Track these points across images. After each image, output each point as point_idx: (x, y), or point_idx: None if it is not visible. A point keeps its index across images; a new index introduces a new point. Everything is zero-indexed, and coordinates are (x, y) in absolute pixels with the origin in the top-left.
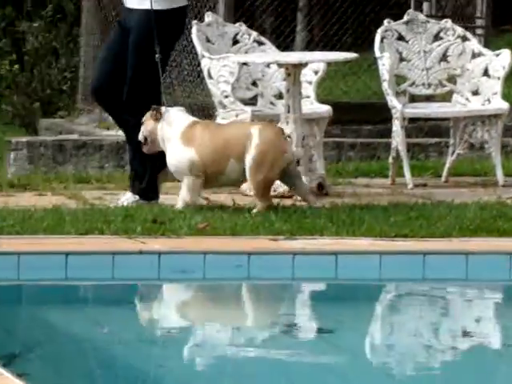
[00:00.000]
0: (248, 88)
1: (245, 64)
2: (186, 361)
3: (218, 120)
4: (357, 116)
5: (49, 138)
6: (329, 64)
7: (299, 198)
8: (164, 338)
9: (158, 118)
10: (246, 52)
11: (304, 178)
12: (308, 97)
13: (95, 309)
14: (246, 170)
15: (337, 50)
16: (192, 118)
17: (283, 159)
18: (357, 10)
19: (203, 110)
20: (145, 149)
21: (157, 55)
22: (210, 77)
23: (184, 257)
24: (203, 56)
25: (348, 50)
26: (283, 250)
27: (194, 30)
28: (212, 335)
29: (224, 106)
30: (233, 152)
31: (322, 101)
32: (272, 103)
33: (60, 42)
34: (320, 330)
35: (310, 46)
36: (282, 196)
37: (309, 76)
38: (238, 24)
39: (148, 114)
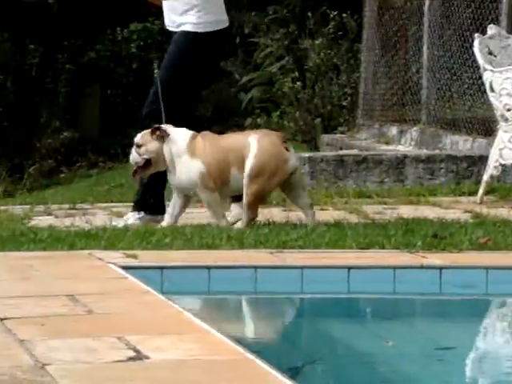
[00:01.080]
0: None
1: None
2: (469, 378)
3: (500, 134)
4: None
5: (330, 154)
6: None
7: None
8: (445, 354)
9: (163, 137)
10: None
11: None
12: None
13: (376, 323)
14: (244, 178)
15: None
16: (191, 131)
17: (284, 169)
18: None
19: (483, 124)
20: (143, 172)
21: (155, 70)
22: (492, 90)
23: (466, 272)
24: (485, 69)
25: None
26: None
27: (475, 43)
28: (494, 351)
29: (506, 120)
30: (232, 160)
31: None
32: None
33: (341, 59)
34: None
35: None
36: None
37: None
38: None
39: (145, 136)
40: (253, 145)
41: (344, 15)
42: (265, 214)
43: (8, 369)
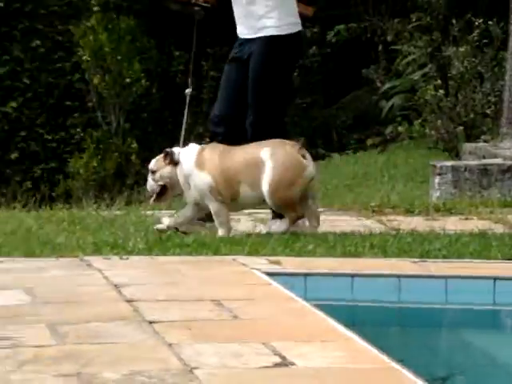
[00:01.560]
0: None
1: None
2: None
3: None
4: None
5: (473, 163)
6: None
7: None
8: None
9: (175, 161)
10: None
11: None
12: None
13: None
14: (264, 194)
15: None
16: (197, 145)
17: (303, 177)
18: None
19: None
20: (161, 199)
21: (187, 90)
22: None
23: None
24: None
25: None
26: None
27: None
28: None
29: None
30: (244, 178)
31: None
32: None
33: (485, 67)
34: None
35: None
36: None
37: None
38: None
39: (158, 162)
40: (266, 161)
41: (490, 23)
42: (408, 222)
43: (157, 372)
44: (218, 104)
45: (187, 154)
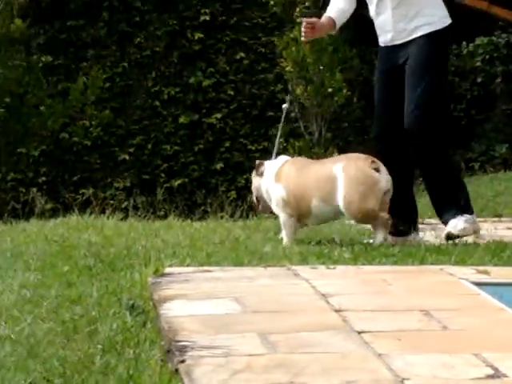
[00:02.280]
0: None
1: None
2: None
3: None
4: None
5: None
6: None
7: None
8: None
9: (262, 171)
10: None
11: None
12: None
13: None
14: (341, 208)
15: None
16: (286, 157)
17: (376, 191)
18: None
19: None
20: (260, 209)
21: (284, 105)
22: None
23: None
24: None
25: None
26: None
27: None
28: None
29: None
30: (316, 193)
31: None
32: None
33: None
34: None
35: None
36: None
37: None
38: None
39: (253, 174)
40: (339, 175)
41: None
42: None
43: (368, 382)
44: (377, 122)
45: (271, 166)
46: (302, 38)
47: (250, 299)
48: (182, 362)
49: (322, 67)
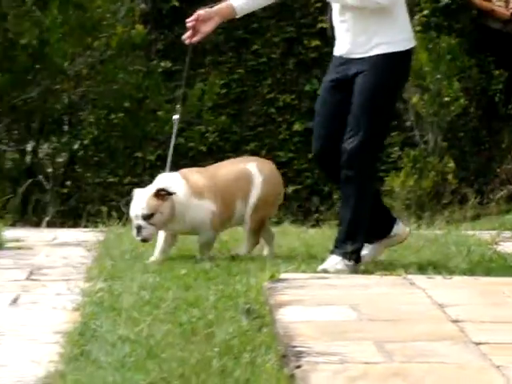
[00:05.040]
0: None
1: None
2: None
3: None
4: None
5: None
6: None
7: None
8: None
9: (168, 194)
10: None
11: None
12: None
13: None
14: (249, 208)
15: None
16: (177, 173)
17: (281, 197)
18: None
19: None
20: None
21: (174, 117)
22: None
23: None
24: None
25: None
26: None
27: None
28: None
29: None
30: (238, 193)
31: None
32: None
33: None
34: None
35: None
36: None
37: None
38: None
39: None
40: (255, 173)
41: None
42: None
43: None
44: (317, 139)
45: (176, 183)
46: (186, 41)
47: (365, 307)
48: (298, 367)
49: (439, 76)
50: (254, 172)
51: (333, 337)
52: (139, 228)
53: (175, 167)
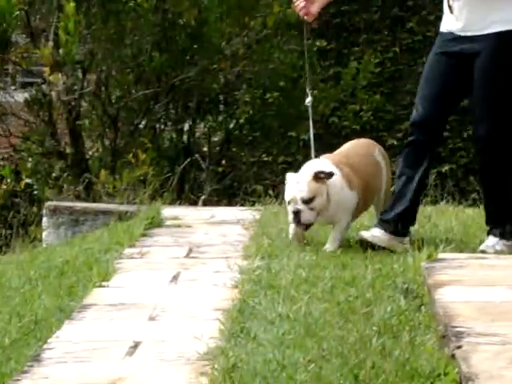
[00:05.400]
0: None
1: None
2: None
3: None
4: None
5: None
6: None
7: None
8: None
9: (327, 177)
10: None
11: None
12: None
13: None
14: (380, 199)
15: None
16: (327, 159)
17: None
18: None
19: None
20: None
21: (307, 100)
22: None
23: None
24: None
25: None
26: None
27: None
28: None
29: None
30: (375, 189)
31: None
32: None
33: None
34: None
35: None
36: None
37: None
38: None
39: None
40: (381, 162)
41: None
42: None
43: None
44: (419, 106)
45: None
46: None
47: None
48: (459, 347)
49: None
50: (379, 160)
51: (492, 317)
52: (298, 213)
53: (328, 147)
